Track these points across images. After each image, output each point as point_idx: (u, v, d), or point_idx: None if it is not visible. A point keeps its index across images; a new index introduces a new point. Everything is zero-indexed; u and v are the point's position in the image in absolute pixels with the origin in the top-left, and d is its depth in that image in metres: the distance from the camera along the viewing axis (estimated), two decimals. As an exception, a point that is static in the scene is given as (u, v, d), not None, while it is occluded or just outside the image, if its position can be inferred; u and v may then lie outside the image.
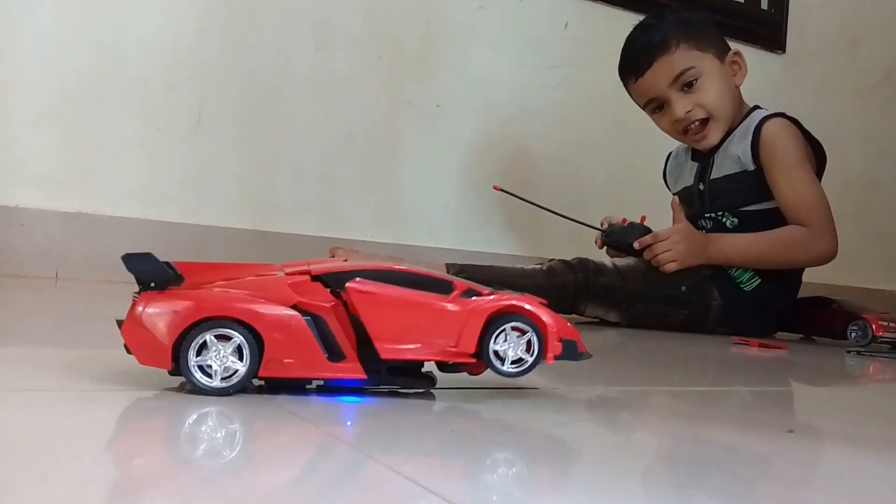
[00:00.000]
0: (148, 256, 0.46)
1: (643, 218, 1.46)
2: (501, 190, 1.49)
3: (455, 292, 0.50)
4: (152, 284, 0.46)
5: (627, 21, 1.54)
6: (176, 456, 0.36)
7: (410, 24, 1.71)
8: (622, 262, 1.43)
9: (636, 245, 1.41)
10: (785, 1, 2.23)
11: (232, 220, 1.51)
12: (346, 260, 0.52)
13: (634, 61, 1.47)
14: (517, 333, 0.50)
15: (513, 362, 0.50)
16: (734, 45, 1.53)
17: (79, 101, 1.38)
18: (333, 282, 0.49)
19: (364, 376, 0.48)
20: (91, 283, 1.30)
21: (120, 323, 0.46)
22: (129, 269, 0.45)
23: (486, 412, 0.50)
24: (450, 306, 0.50)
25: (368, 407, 0.48)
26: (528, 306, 0.50)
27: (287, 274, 0.49)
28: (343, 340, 0.48)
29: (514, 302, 0.50)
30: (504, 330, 0.50)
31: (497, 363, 0.50)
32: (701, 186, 1.52)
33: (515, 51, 1.82)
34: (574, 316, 1.43)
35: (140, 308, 0.45)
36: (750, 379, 0.88)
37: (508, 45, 1.81)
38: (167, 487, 0.30)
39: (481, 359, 0.50)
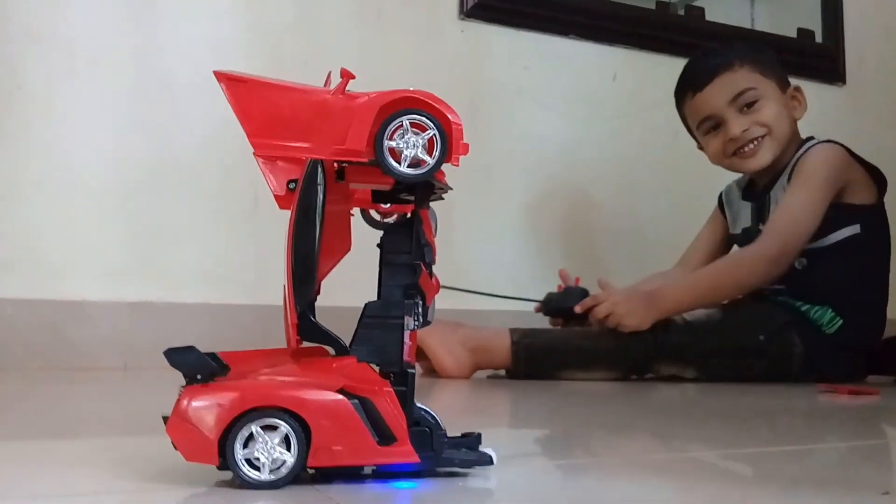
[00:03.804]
0: (190, 350, 0.45)
1: (577, 280, 1.43)
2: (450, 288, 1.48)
3: (340, 83, 0.45)
4: (199, 377, 0.45)
5: (677, 68, 1.51)
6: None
7: (456, 89, 1.72)
8: (692, 316, 1.37)
9: (577, 309, 1.35)
10: (840, 32, 2.17)
11: (293, 297, 1.51)
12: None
13: (695, 76, 1.44)
14: (417, 130, 0.45)
15: (411, 165, 0.45)
16: (794, 82, 1.50)
17: (137, 191, 1.42)
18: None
19: (417, 460, 0.45)
20: (158, 371, 1.31)
21: (166, 419, 0.44)
22: (172, 363, 0.45)
23: (548, 489, 0.47)
24: (332, 98, 0.45)
25: (425, 494, 0.45)
26: (428, 101, 0.45)
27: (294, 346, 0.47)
28: (393, 422, 0.45)
29: (410, 94, 0.45)
30: (402, 125, 0.45)
31: (392, 162, 0.45)
32: (761, 226, 1.46)
33: (563, 107, 1.80)
34: (650, 376, 1.37)
35: (185, 402, 0.44)
36: (841, 432, 0.82)
37: (555, 102, 1.79)
38: None
39: (376, 159, 0.44)
